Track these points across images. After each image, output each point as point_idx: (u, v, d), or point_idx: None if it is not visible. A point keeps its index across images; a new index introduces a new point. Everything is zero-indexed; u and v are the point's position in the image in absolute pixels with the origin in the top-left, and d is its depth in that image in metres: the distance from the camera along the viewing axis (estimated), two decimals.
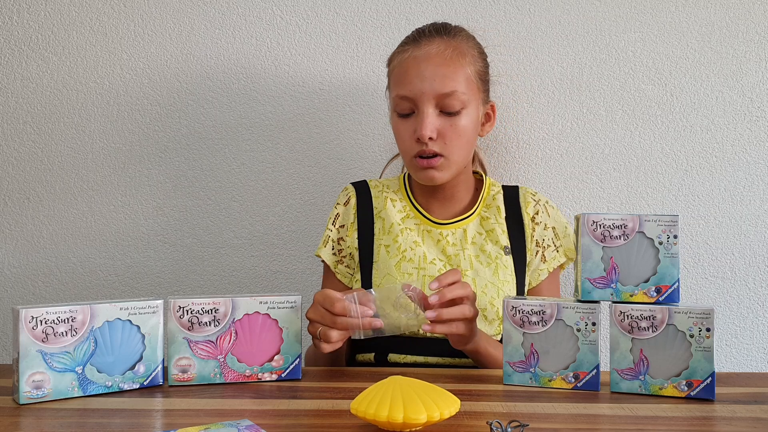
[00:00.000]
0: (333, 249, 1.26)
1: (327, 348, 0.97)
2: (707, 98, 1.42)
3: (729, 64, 1.42)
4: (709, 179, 1.43)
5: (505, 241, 1.22)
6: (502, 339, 1.18)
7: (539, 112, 1.44)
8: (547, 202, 1.27)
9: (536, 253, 1.23)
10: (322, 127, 1.46)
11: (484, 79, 1.22)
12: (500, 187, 1.28)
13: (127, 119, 1.47)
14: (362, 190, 1.28)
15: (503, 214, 1.24)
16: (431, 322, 0.97)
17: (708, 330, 0.90)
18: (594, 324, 0.94)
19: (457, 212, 1.25)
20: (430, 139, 1.15)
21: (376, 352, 1.19)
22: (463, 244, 1.21)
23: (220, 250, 1.47)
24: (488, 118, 1.26)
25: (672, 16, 1.42)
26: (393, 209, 1.25)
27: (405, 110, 1.18)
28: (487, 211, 1.25)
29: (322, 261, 1.27)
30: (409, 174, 1.30)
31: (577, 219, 0.96)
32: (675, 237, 0.93)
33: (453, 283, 0.98)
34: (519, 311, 0.97)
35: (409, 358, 1.17)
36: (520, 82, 1.44)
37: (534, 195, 1.27)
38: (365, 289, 1.05)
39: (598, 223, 0.95)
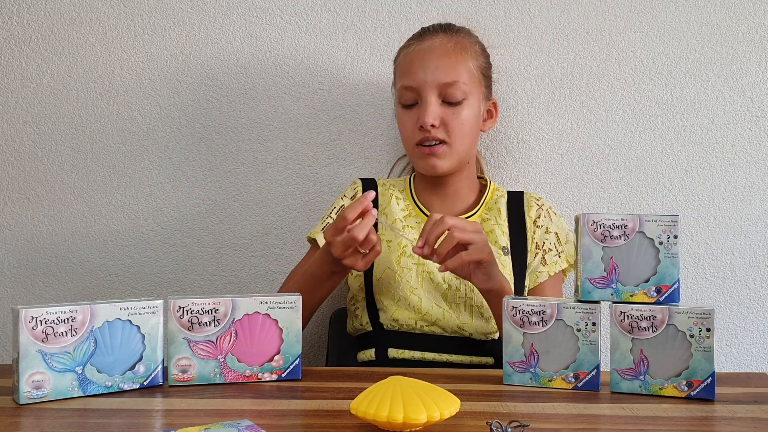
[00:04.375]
0: None
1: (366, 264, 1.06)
2: (707, 98, 1.42)
3: (729, 64, 1.42)
4: (709, 179, 1.42)
5: (504, 241, 1.23)
6: (499, 338, 1.19)
7: (539, 112, 1.44)
8: (550, 208, 1.28)
9: (536, 255, 1.24)
10: (322, 127, 1.46)
11: (486, 75, 1.25)
12: (505, 193, 1.30)
13: (127, 119, 1.46)
14: (369, 185, 1.31)
15: (504, 216, 1.25)
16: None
17: (708, 330, 0.90)
18: (594, 324, 0.94)
19: (458, 212, 1.27)
20: (433, 126, 1.17)
21: (377, 347, 1.19)
22: None
23: (220, 250, 1.47)
24: (490, 114, 1.29)
25: (672, 16, 1.42)
26: (397, 207, 1.27)
27: (409, 101, 1.21)
28: (487, 213, 1.26)
29: (313, 244, 1.28)
30: (414, 176, 1.32)
31: (577, 219, 0.96)
32: (675, 237, 0.93)
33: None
34: (519, 311, 0.97)
35: (407, 354, 1.18)
36: (521, 82, 1.44)
37: (538, 200, 1.28)
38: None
39: (598, 223, 0.95)
